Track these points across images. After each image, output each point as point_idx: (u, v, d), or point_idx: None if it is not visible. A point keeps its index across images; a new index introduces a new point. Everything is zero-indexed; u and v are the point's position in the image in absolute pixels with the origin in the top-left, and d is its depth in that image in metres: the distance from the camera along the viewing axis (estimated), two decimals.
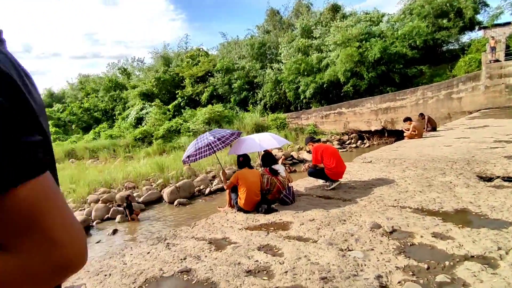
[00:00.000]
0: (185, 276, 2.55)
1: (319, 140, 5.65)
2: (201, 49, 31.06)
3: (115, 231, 7.99)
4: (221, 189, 10.40)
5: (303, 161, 14.41)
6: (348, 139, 18.28)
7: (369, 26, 19.67)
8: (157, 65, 31.86)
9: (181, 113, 25.52)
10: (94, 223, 8.95)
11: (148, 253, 3.10)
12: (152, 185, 11.59)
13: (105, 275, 2.65)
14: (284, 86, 22.93)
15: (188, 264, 2.76)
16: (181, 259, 2.89)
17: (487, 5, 19.17)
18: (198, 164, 13.40)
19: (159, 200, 10.46)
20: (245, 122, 20.96)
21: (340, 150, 16.67)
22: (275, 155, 15.28)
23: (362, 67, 18.67)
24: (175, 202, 9.67)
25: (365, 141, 17.90)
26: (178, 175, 12.00)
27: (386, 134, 17.32)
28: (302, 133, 19.23)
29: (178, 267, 2.70)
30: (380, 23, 20.33)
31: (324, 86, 20.40)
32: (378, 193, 4.34)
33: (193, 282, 2.44)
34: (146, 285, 2.47)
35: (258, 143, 4.65)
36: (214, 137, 4.62)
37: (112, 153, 20.65)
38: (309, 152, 13.66)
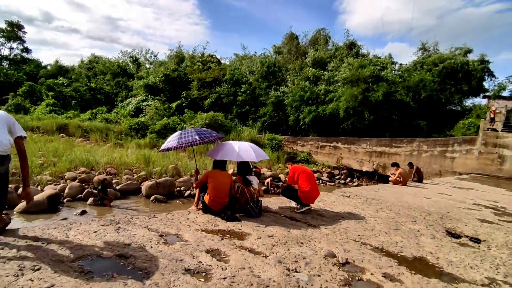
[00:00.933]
0: (122, 261, 2.47)
1: (298, 162, 5.65)
2: (214, 56, 31.49)
3: (83, 212, 7.81)
4: None
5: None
6: (339, 174, 18.28)
7: (379, 70, 20.12)
8: (169, 62, 32.19)
9: (182, 113, 25.57)
10: (65, 200, 8.76)
11: (95, 232, 3.02)
12: (133, 176, 11.44)
13: (43, 243, 2.56)
14: (287, 109, 23.16)
15: (130, 251, 2.69)
16: (125, 245, 2.82)
17: (493, 76, 19.76)
18: (184, 166, 13.32)
19: (136, 191, 10.31)
20: (242, 135, 20.99)
21: (328, 183, 16.68)
22: (263, 173, 15.29)
23: (365, 108, 18.98)
24: (152, 197, 9.52)
25: (354, 179, 17.90)
26: (162, 171, 11.88)
27: (376, 178, 17.37)
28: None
29: (118, 251, 2.62)
30: (390, 69, 20.84)
31: (325, 117, 20.64)
32: (344, 226, 4.33)
33: (128, 268, 2.36)
34: (80, 261, 2.38)
35: (236, 152, 4.58)
36: (200, 137, 4.58)
37: (103, 137, 20.46)
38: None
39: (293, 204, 5.40)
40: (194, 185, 4.55)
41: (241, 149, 4.60)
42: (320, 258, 3.00)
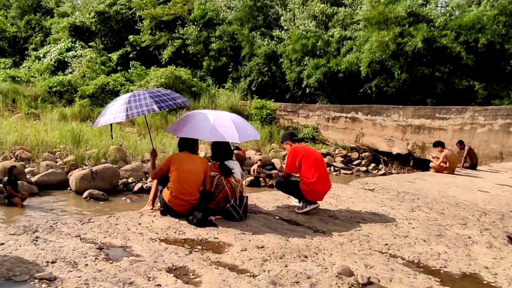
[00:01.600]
0: (44, 285, 2.48)
1: (301, 141, 5.71)
2: None
3: None
4: None
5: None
6: (358, 158, 18.55)
7: (418, 6, 20.00)
8: None
9: (128, 68, 25.15)
10: None
11: (1, 244, 3.00)
12: (56, 162, 11.34)
13: None
14: (283, 64, 23.03)
15: (55, 271, 2.70)
16: (48, 262, 2.83)
17: None
18: (133, 147, 13.25)
19: (62, 185, 10.25)
20: (217, 102, 20.93)
21: (343, 172, 16.96)
22: (249, 157, 15.39)
23: (396, 62, 19.00)
24: (86, 193, 9.50)
25: (380, 166, 18.22)
26: (100, 155, 11.81)
27: (411, 163, 17.70)
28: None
29: (37, 272, 2.63)
30: (434, 4, 20.74)
31: (339, 76, 20.64)
32: (366, 231, 4.44)
33: None
34: None
35: (210, 127, 4.44)
36: (158, 104, 4.45)
37: (10, 103, 20.01)
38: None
39: (293, 201, 5.47)
40: (150, 174, 4.57)
41: (217, 123, 4.51)
42: (331, 278, 3.07)
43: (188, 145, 4.51)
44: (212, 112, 4.77)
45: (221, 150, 4.72)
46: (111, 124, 4.65)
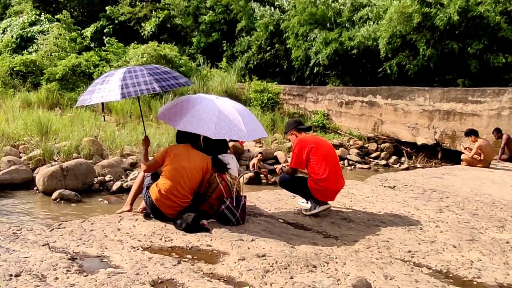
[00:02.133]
0: None
1: (309, 129, 5.70)
2: None
3: None
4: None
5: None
6: (377, 150, 18.51)
7: None
8: None
9: (103, 45, 24.99)
10: None
11: None
12: (20, 157, 11.32)
13: None
14: (287, 39, 22.90)
15: (20, 286, 2.72)
16: (11, 276, 2.83)
17: None
18: (110, 139, 13.22)
19: (27, 184, 10.22)
20: (209, 84, 20.82)
21: (358, 166, 16.95)
22: (248, 150, 15.38)
23: (421, 37, 18.85)
24: (56, 194, 9.46)
25: (403, 158, 18.17)
26: (71, 149, 11.79)
27: (439, 155, 17.66)
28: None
29: None
30: None
31: (352, 53, 20.52)
32: (385, 236, 4.46)
33: None
34: None
35: (215, 120, 4.37)
36: (158, 83, 4.38)
37: None
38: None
39: (299, 201, 5.48)
40: (141, 166, 4.67)
41: (223, 115, 4.48)
42: None
43: (191, 137, 4.53)
44: (213, 99, 4.73)
45: (215, 141, 4.71)
46: (102, 104, 4.68)
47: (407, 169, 16.71)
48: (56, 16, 27.50)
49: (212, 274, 3.20)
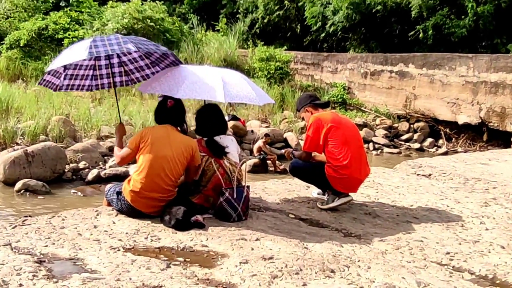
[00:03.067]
0: None
1: (327, 106, 5.65)
2: None
3: None
4: (122, 176, 10.31)
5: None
6: (409, 131, 18.45)
7: None
8: None
9: (72, 6, 24.77)
10: None
11: None
12: None
13: None
14: None
15: None
16: None
17: None
18: (85, 118, 13.20)
19: None
20: (205, 51, 20.69)
21: (386, 150, 16.91)
22: (251, 131, 15.36)
23: None
24: (19, 185, 9.49)
25: (440, 141, 18.12)
26: (38, 130, 11.81)
27: (485, 136, 17.58)
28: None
29: None
30: None
31: (378, 14, 20.31)
32: (419, 235, 4.44)
33: None
34: None
35: (221, 83, 4.55)
36: (136, 46, 4.48)
37: None
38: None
39: (314, 193, 5.48)
40: (116, 157, 4.66)
41: (228, 79, 4.67)
42: None
43: (175, 116, 4.52)
44: (220, 70, 5.02)
45: (210, 119, 4.73)
46: (52, 73, 4.79)
47: (445, 153, 16.67)
48: None
49: (208, 280, 3.17)
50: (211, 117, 4.77)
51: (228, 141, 4.68)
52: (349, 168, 4.83)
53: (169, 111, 4.52)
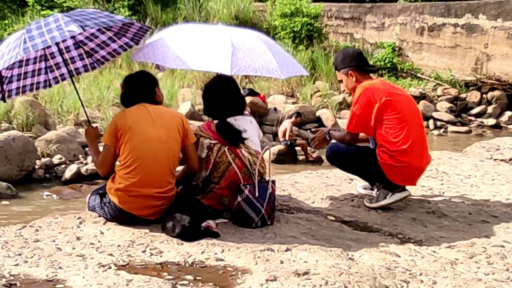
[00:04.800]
0: None
1: (376, 70, 5.62)
2: None
3: None
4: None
5: None
6: (481, 104, 18.35)
7: None
8: None
9: None
10: None
11: None
12: None
13: None
14: None
15: None
16: None
17: None
18: (58, 100, 13.26)
19: None
20: (209, 6, 20.66)
21: (451, 128, 16.83)
22: (274, 109, 15.33)
23: None
24: None
25: None
26: (0, 116, 11.90)
27: None
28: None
29: None
30: None
31: None
32: (499, 239, 4.38)
33: None
34: None
35: (229, 50, 4.58)
36: (81, 25, 4.53)
37: None
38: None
39: (360, 187, 5.48)
40: (93, 160, 4.94)
41: (240, 44, 4.68)
42: None
43: (143, 91, 4.55)
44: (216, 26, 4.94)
45: (222, 95, 4.74)
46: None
47: None
48: None
49: None
50: (224, 93, 4.76)
51: (246, 124, 4.65)
52: (409, 154, 4.79)
53: (133, 88, 4.59)
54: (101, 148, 4.73)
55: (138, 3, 20.31)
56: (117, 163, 4.46)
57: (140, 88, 4.56)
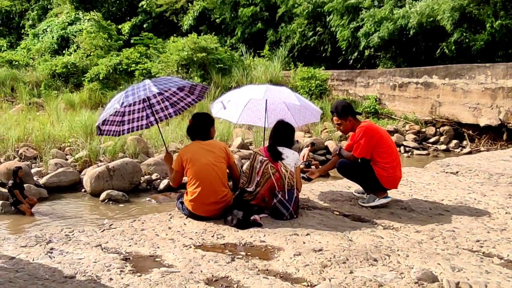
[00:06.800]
0: None
1: (360, 115, 5.71)
2: None
3: None
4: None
5: None
6: (435, 135, 18.14)
7: None
8: None
9: (142, 41, 25.32)
10: None
11: (12, 258, 3.14)
12: (67, 159, 11.64)
13: None
14: (332, 20, 22.62)
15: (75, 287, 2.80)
16: (66, 278, 2.94)
17: None
18: (155, 136, 13.42)
19: (74, 186, 10.50)
20: (253, 74, 20.80)
21: (416, 152, 16.65)
22: (296, 141, 15.34)
23: (486, 8, 18.15)
24: (104, 195, 9.70)
25: (464, 142, 17.74)
26: (117, 149, 12.05)
27: (505, 136, 17.11)
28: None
29: None
30: None
31: (410, 32, 19.93)
32: (450, 225, 4.41)
33: None
34: None
35: (264, 112, 5.10)
36: (160, 89, 4.67)
37: (8, 93, 20.65)
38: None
39: (356, 192, 5.51)
40: (171, 182, 4.90)
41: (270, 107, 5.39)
42: (409, 285, 3.05)
43: (197, 130, 4.67)
44: (262, 89, 5.38)
45: (282, 132, 4.82)
46: (105, 123, 5.03)
47: (469, 153, 16.29)
48: (87, 17, 27.60)
49: (267, 270, 3.23)
50: (283, 131, 4.85)
51: (288, 153, 4.71)
52: (395, 168, 5.00)
53: (195, 129, 4.71)
54: None
55: (206, 73, 20.61)
56: (185, 179, 4.64)
57: (201, 128, 4.69)
